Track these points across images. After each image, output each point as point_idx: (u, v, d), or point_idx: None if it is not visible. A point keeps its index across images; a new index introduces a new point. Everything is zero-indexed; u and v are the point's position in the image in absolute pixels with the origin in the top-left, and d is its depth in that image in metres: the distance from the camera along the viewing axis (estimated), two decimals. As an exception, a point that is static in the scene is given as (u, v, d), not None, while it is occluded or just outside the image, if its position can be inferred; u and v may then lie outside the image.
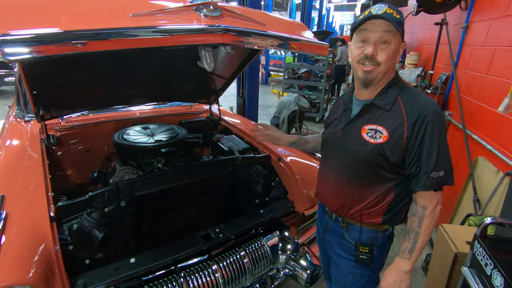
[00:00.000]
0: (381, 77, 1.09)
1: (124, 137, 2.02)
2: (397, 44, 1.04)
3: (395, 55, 1.06)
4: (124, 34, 0.86)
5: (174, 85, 2.31)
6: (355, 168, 1.16)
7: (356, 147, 1.13)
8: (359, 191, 1.17)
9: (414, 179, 1.06)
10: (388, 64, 1.05)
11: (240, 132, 2.41)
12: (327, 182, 1.29)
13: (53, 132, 2.12)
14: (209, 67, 1.14)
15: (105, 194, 1.39)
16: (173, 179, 1.60)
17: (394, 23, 1.00)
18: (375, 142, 1.08)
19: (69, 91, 1.87)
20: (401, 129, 1.03)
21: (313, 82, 6.54)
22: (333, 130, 1.27)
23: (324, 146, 1.35)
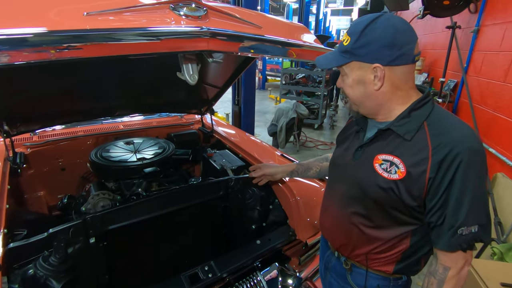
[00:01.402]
0: (369, 110, 0.94)
1: (103, 154, 1.78)
2: (358, 74, 0.88)
3: (359, 86, 0.90)
4: (67, 39, 0.63)
5: (161, 95, 2.08)
6: (362, 203, 0.94)
7: (365, 179, 0.92)
8: (365, 232, 0.96)
9: (436, 231, 0.83)
10: (357, 96, 0.91)
11: (235, 146, 2.18)
12: (330, 213, 1.08)
13: (23, 149, 1.88)
14: (192, 80, 0.92)
15: (69, 231, 1.15)
16: (154, 207, 1.37)
17: (339, 54, 0.90)
18: (388, 178, 0.86)
19: (39, 102, 1.64)
20: (422, 166, 0.81)
21: (312, 88, 6.35)
22: (342, 152, 1.06)
23: (331, 169, 1.13)
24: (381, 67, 0.84)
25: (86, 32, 0.68)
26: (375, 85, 0.87)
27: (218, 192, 1.59)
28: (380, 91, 0.88)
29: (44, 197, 1.96)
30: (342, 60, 0.90)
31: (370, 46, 0.84)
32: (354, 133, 1.05)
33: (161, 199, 1.38)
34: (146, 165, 1.69)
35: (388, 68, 0.84)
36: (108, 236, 1.28)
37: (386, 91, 0.88)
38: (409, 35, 0.84)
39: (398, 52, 0.82)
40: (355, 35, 0.86)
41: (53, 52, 0.64)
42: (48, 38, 0.64)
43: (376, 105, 0.92)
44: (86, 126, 2.21)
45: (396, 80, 0.87)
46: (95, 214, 1.22)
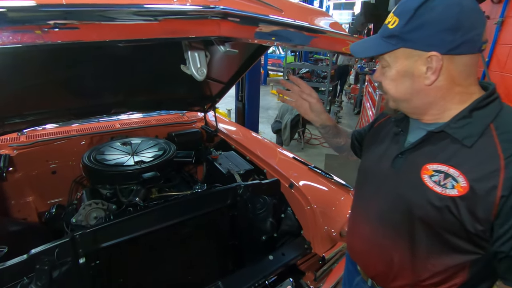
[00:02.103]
0: (414, 109, 0.76)
1: (97, 157, 1.60)
2: (405, 64, 0.71)
3: (404, 79, 0.73)
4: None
5: (160, 90, 1.90)
6: (407, 224, 0.77)
7: (411, 194, 0.75)
8: (410, 259, 0.78)
9: (507, 263, 0.67)
10: (401, 92, 0.74)
11: (241, 147, 2.00)
12: (362, 234, 0.91)
13: (9, 151, 1.71)
14: (199, 75, 0.74)
15: (54, 252, 0.98)
16: (154, 221, 1.20)
17: (382, 40, 0.73)
18: (443, 193, 0.69)
19: (26, 98, 1.46)
20: (492, 181, 0.63)
21: (316, 84, 6.15)
22: (376, 158, 0.88)
23: (361, 177, 0.96)
24: (438, 56, 0.66)
25: (62, 8, 0.50)
26: (426, 79, 0.70)
27: (226, 200, 1.41)
28: (433, 87, 0.70)
29: (34, 202, 1.80)
30: (385, 46, 0.72)
31: (426, 29, 0.66)
32: (392, 135, 0.88)
33: (161, 211, 1.21)
34: (145, 170, 1.52)
35: (447, 57, 0.67)
36: (100, 255, 1.11)
37: (441, 86, 0.70)
38: (477, 16, 0.66)
39: (463, 38, 0.64)
40: (406, 15, 0.68)
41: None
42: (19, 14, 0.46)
43: (425, 103, 0.74)
44: (79, 125, 2.03)
45: (455, 73, 0.69)
46: (85, 231, 1.05)
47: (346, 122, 6.73)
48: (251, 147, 1.95)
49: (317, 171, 1.63)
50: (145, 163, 1.58)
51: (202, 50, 0.75)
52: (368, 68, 7.06)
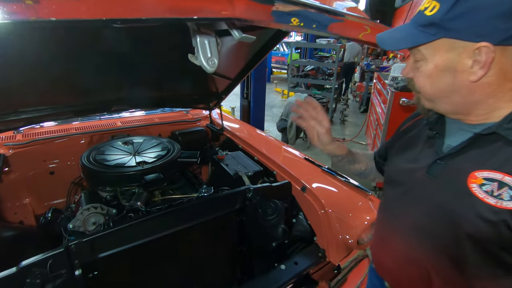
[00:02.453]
0: (456, 108, 0.67)
1: (96, 157, 1.51)
2: (447, 57, 0.61)
3: (445, 75, 0.63)
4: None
5: (164, 87, 1.80)
6: (450, 239, 0.67)
7: (455, 206, 0.65)
8: (453, 279, 0.69)
9: None
10: (440, 90, 0.64)
11: (249, 147, 1.90)
12: (393, 248, 0.80)
13: (4, 150, 1.62)
14: (210, 66, 0.64)
15: (47, 263, 0.89)
16: (157, 227, 1.10)
17: (418, 29, 0.63)
18: (498, 205, 0.59)
19: (22, 94, 1.36)
20: None
21: (322, 81, 6.02)
22: (408, 164, 0.78)
23: (390, 186, 0.85)
24: (490, 48, 0.56)
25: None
26: (472, 74, 0.59)
27: (234, 205, 1.31)
28: (480, 83, 0.60)
29: (30, 204, 1.71)
30: (421, 37, 0.62)
31: (475, 16, 0.56)
32: (424, 139, 0.77)
33: (165, 217, 1.11)
34: (147, 171, 1.42)
35: (499, 49, 0.56)
36: (98, 265, 1.02)
37: (490, 82, 0.60)
38: None
39: None
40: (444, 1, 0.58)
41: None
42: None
43: (469, 102, 0.64)
44: (79, 123, 1.93)
45: (508, 66, 0.58)
46: (82, 240, 0.95)
47: (352, 120, 6.60)
48: (259, 146, 1.84)
49: (331, 173, 1.52)
50: (148, 164, 1.48)
51: (213, 37, 0.64)
52: (375, 66, 6.91)
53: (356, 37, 0.93)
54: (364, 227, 1.30)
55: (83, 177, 1.72)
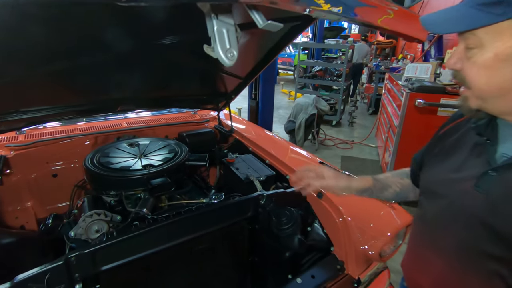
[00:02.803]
0: (510, 110, 0.58)
1: (100, 160, 1.43)
2: (509, 45, 0.51)
3: (506, 65, 0.53)
4: None
5: (172, 87, 1.72)
6: (504, 267, 0.57)
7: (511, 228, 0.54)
8: None
9: None
10: (498, 84, 0.54)
11: (259, 149, 1.81)
12: (431, 269, 0.71)
13: (6, 151, 1.55)
14: (228, 58, 0.55)
15: (44, 278, 0.81)
16: (165, 237, 1.02)
17: (475, 10, 0.53)
18: None
19: (24, 93, 1.29)
20: None
21: (330, 82, 5.91)
22: (448, 176, 0.68)
23: (428, 199, 0.75)
24: None
25: None
26: None
27: (246, 213, 1.23)
28: None
29: (33, 208, 1.64)
30: (483, 18, 0.52)
31: None
32: (471, 146, 0.67)
33: (173, 226, 1.03)
34: (154, 175, 1.34)
35: None
36: (101, 278, 0.93)
37: None
38: None
39: None
40: None
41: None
42: None
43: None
44: (83, 124, 1.87)
45: None
46: (82, 252, 0.87)
47: (360, 122, 6.47)
48: (270, 149, 1.75)
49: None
50: (154, 167, 1.40)
51: (232, 25, 0.56)
52: (384, 66, 6.78)
53: (374, 23, 0.82)
54: (387, 239, 1.20)
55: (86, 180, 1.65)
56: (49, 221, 1.21)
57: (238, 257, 1.33)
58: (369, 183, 0.89)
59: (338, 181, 0.88)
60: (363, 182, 0.89)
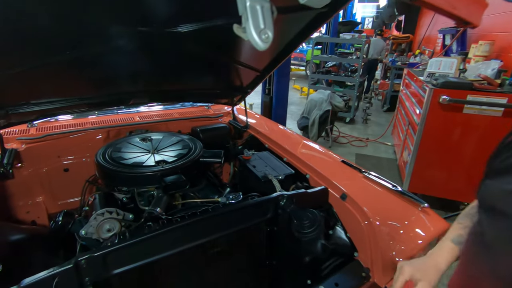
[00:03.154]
0: None
1: (113, 155, 1.38)
2: None
3: None
4: None
5: (186, 80, 1.64)
6: None
7: None
8: None
9: None
10: None
11: (276, 146, 1.72)
12: None
13: (17, 145, 1.51)
14: (262, 40, 0.47)
15: (53, 282, 0.75)
16: (178, 240, 0.95)
17: None
18: None
19: (37, 84, 1.24)
20: None
21: (345, 78, 5.74)
22: None
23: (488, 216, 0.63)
24: None
25: None
26: None
27: (265, 214, 1.15)
28: None
29: (44, 203, 1.60)
30: None
31: None
32: None
33: (189, 228, 0.96)
34: (167, 172, 1.27)
35: None
36: (113, 282, 0.87)
37: None
38: None
39: None
40: None
41: None
42: None
43: None
44: (95, 117, 1.82)
45: None
46: (93, 255, 0.80)
47: (374, 119, 6.29)
48: (288, 146, 1.66)
49: (376, 179, 1.32)
50: (168, 163, 1.33)
51: (267, 1, 0.47)
52: (401, 62, 6.56)
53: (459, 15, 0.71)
54: (418, 247, 1.10)
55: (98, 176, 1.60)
56: (60, 218, 1.16)
57: (255, 260, 1.26)
58: (456, 252, 0.79)
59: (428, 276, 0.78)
60: (452, 253, 0.79)
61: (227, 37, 1.21)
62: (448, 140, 2.62)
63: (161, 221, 0.97)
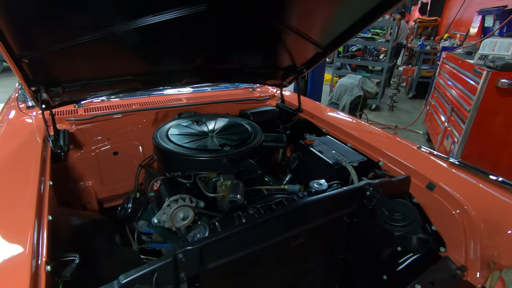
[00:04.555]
0: None
1: (170, 137, 1.27)
2: None
3: None
4: None
5: (242, 57, 1.51)
6: None
7: None
8: None
9: None
10: None
11: (336, 130, 1.59)
12: None
13: (67, 125, 1.42)
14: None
15: (153, 278, 0.66)
16: (271, 232, 0.85)
17: None
18: None
19: (88, 61, 1.14)
20: None
21: (373, 63, 5.49)
22: None
23: None
24: None
25: None
26: None
27: (351, 204, 1.03)
28: None
29: (93, 187, 1.53)
30: None
31: None
32: None
33: (284, 219, 0.85)
34: (234, 157, 1.17)
35: None
36: (202, 278, 0.78)
37: None
38: None
39: None
40: None
41: None
42: None
43: None
44: (142, 98, 1.70)
45: None
46: (190, 248, 0.71)
47: (401, 106, 6.05)
48: (351, 130, 1.53)
49: (469, 168, 1.18)
50: (232, 147, 1.22)
51: None
52: (430, 46, 6.24)
53: None
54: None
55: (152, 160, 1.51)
56: (129, 205, 1.07)
57: (331, 253, 1.16)
58: None
59: None
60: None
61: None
62: (506, 128, 2.44)
63: (253, 211, 0.86)
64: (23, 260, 0.63)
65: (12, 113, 1.49)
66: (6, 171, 0.97)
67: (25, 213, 0.77)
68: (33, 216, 0.76)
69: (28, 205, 0.79)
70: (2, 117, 1.44)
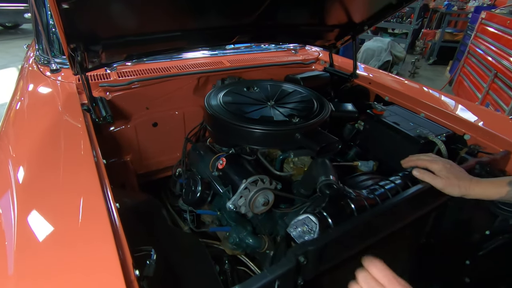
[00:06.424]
0: None
1: (228, 108, 1.09)
2: None
3: None
4: None
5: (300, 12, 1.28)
6: None
7: None
8: None
9: None
10: None
11: (403, 98, 1.40)
12: None
13: (100, 93, 1.23)
14: None
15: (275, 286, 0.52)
16: (387, 222, 0.70)
17: None
18: None
19: (127, 14, 0.92)
20: None
21: (396, 24, 5.10)
22: None
23: None
24: None
25: None
26: None
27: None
28: None
29: (131, 163, 1.37)
30: None
31: None
32: None
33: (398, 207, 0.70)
34: (306, 130, 0.99)
35: None
36: (316, 281, 0.65)
37: None
38: None
39: None
40: None
41: None
42: None
43: None
44: (176, 61, 1.48)
45: None
46: (310, 248, 0.56)
47: (422, 73, 5.75)
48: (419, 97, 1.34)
49: None
50: (301, 118, 1.04)
51: None
52: (458, 7, 5.77)
53: None
54: None
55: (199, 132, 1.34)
56: (199, 188, 0.92)
57: (416, 238, 1.03)
58: (504, 191, 0.68)
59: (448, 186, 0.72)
60: (493, 186, 0.70)
61: None
62: None
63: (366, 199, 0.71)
64: (115, 270, 0.49)
65: (34, 78, 1.28)
66: (55, 149, 0.81)
67: (94, 202, 0.62)
68: (103, 207, 0.61)
69: (94, 193, 0.64)
70: (24, 84, 1.24)
